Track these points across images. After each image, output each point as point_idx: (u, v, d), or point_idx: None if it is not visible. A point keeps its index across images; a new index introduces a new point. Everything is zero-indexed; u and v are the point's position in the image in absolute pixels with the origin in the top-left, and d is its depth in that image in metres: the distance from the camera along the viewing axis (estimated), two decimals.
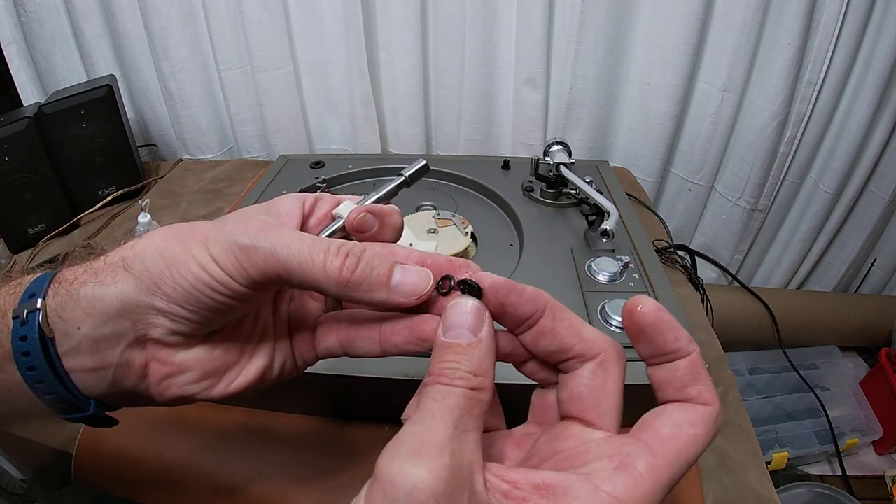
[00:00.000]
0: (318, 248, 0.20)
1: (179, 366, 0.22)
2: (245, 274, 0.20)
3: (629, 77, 0.86)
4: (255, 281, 0.20)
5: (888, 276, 1.11)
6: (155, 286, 0.20)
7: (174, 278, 0.20)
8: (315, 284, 0.20)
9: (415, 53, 0.82)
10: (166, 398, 0.22)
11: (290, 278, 0.20)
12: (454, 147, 0.91)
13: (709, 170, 0.92)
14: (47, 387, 0.20)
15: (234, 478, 0.41)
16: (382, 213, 0.24)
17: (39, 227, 0.72)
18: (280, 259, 0.19)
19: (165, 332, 0.21)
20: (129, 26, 0.83)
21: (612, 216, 0.50)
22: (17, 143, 0.67)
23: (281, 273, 0.20)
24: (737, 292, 1.01)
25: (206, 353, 0.22)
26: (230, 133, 0.95)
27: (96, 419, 0.22)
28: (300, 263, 0.19)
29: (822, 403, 0.96)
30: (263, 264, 0.19)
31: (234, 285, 0.20)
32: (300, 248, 0.19)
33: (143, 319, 0.20)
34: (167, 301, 0.20)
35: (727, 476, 0.42)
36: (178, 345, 0.21)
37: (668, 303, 0.47)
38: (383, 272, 0.20)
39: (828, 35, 0.78)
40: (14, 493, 0.52)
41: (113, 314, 0.20)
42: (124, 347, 0.21)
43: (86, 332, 0.20)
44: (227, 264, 0.20)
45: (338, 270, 0.19)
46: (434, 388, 0.17)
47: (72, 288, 0.20)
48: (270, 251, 0.19)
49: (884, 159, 0.93)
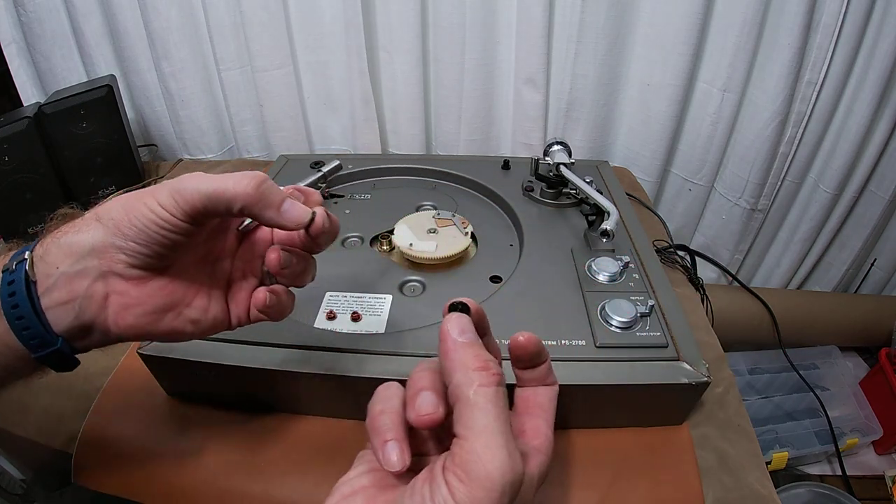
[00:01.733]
0: (230, 176, 0.27)
1: (135, 298, 0.27)
2: (180, 209, 0.26)
3: (629, 77, 0.86)
4: (187, 213, 0.26)
5: (888, 276, 1.11)
6: (117, 229, 0.26)
7: (131, 221, 0.26)
8: (230, 204, 0.26)
9: (415, 53, 0.82)
10: (121, 327, 0.28)
11: (215, 205, 0.26)
12: (454, 147, 0.91)
13: (709, 170, 0.92)
14: (26, 322, 0.25)
15: (235, 477, 0.41)
16: (307, 192, 0.30)
17: (39, 227, 0.72)
18: (202, 191, 0.26)
19: (125, 266, 0.27)
20: (129, 26, 0.83)
21: (612, 216, 0.50)
22: (17, 143, 0.67)
23: (206, 203, 0.26)
24: (737, 292, 1.01)
25: (156, 291, 0.28)
26: (230, 133, 0.95)
27: (62, 355, 0.27)
28: (216, 189, 0.26)
29: (822, 403, 0.96)
30: (192, 198, 0.26)
31: (173, 220, 0.26)
32: (216, 180, 0.26)
33: (107, 256, 0.26)
34: (125, 239, 0.26)
35: (727, 476, 0.42)
36: (134, 279, 0.27)
37: (668, 303, 0.47)
38: (276, 198, 0.27)
39: (828, 35, 0.78)
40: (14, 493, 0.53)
41: (85, 254, 0.26)
42: (91, 281, 0.26)
43: (63, 270, 0.26)
44: (168, 205, 0.26)
45: (245, 187, 0.26)
46: (481, 392, 0.22)
47: (55, 237, 0.27)
48: (195, 188, 0.26)
49: (884, 159, 0.92)
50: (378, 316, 0.47)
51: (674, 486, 0.41)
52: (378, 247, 0.57)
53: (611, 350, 0.42)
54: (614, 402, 0.43)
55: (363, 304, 0.48)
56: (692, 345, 0.43)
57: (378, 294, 0.49)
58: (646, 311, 0.44)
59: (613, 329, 0.44)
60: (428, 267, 0.53)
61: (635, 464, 0.42)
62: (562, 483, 0.41)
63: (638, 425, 0.44)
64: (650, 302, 0.45)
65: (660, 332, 0.43)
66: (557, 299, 0.47)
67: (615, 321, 0.44)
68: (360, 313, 0.47)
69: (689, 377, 0.41)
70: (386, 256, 0.56)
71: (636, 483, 0.41)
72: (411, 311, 0.47)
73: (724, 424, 0.46)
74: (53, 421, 0.46)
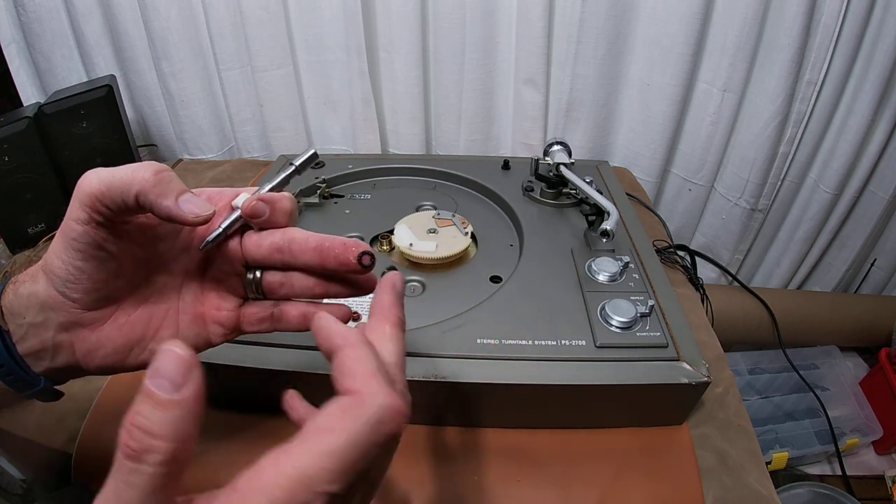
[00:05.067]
0: (132, 167, 0.25)
1: (96, 343, 0.27)
2: (91, 214, 0.24)
3: (629, 77, 0.86)
4: (101, 213, 0.24)
5: (888, 276, 1.11)
6: (53, 275, 0.25)
7: (58, 256, 0.25)
8: (126, 189, 0.24)
9: (415, 53, 0.82)
10: (92, 368, 0.28)
11: (122, 199, 0.24)
12: (454, 147, 0.91)
13: (709, 170, 0.92)
14: (7, 370, 0.26)
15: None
16: (272, 200, 0.28)
17: (39, 227, 0.72)
18: (106, 186, 0.24)
19: (78, 312, 0.26)
20: (129, 26, 0.83)
21: (612, 216, 0.50)
22: (17, 143, 0.67)
23: (114, 197, 0.24)
24: (737, 292, 1.00)
25: (114, 332, 0.27)
26: (230, 133, 0.95)
27: (47, 392, 0.28)
28: (120, 185, 0.24)
29: (822, 403, 0.96)
30: (100, 197, 0.24)
31: (89, 228, 0.24)
32: (117, 172, 0.25)
33: (58, 307, 0.26)
34: (63, 283, 0.25)
35: (727, 476, 0.42)
36: (88, 324, 0.27)
37: (668, 303, 0.47)
38: (175, 188, 0.25)
39: (828, 35, 0.78)
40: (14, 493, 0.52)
41: (41, 305, 0.26)
42: (54, 332, 0.26)
43: (29, 320, 0.26)
44: (80, 217, 0.24)
45: (143, 172, 0.24)
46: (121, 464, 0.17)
47: (15, 287, 0.26)
48: (97, 186, 0.24)
49: (884, 159, 0.92)
50: None
51: (674, 486, 0.41)
52: (378, 247, 0.57)
53: (611, 350, 0.42)
54: (614, 402, 0.43)
55: (363, 304, 0.48)
56: (692, 345, 0.43)
57: None
58: (646, 311, 0.44)
59: (613, 329, 0.44)
60: (428, 267, 0.53)
61: (635, 464, 0.42)
62: (562, 483, 0.41)
63: (638, 425, 0.44)
64: (650, 302, 0.45)
65: (660, 332, 0.43)
66: (557, 299, 0.47)
67: (615, 321, 0.44)
68: (360, 313, 0.47)
69: (689, 377, 0.41)
70: (386, 256, 0.56)
71: (636, 483, 0.41)
72: (411, 311, 0.47)
73: (724, 424, 0.46)
74: (53, 421, 0.46)
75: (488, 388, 0.40)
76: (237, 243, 0.29)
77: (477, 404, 0.43)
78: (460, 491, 0.40)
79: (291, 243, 0.28)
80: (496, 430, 0.44)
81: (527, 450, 0.43)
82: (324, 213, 0.63)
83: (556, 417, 0.44)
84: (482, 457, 0.42)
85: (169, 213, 0.25)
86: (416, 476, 0.41)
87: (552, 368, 0.41)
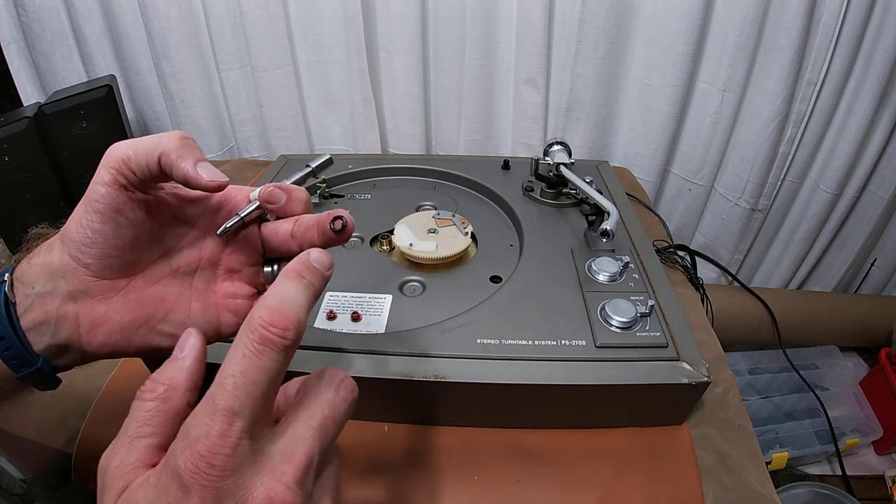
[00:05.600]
0: (160, 135, 0.26)
1: (102, 315, 0.27)
2: (115, 176, 0.25)
3: (629, 77, 0.86)
4: (126, 177, 0.26)
5: (888, 276, 1.11)
6: (70, 241, 0.26)
7: (78, 222, 0.26)
8: (155, 159, 0.26)
9: (415, 53, 0.82)
10: (94, 346, 0.27)
11: (147, 163, 0.26)
12: (454, 147, 0.91)
13: (709, 170, 0.92)
14: (7, 342, 0.26)
15: None
16: (289, 189, 0.29)
17: (40, 227, 0.72)
18: (133, 150, 0.26)
19: (89, 279, 0.27)
20: (129, 26, 0.83)
21: (612, 216, 0.50)
22: (17, 143, 0.67)
23: (139, 161, 0.26)
24: (737, 292, 1.00)
25: (123, 307, 0.28)
26: (230, 133, 0.95)
27: (43, 376, 0.28)
28: (146, 148, 0.26)
29: (822, 403, 0.96)
30: (126, 160, 0.26)
31: (111, 190, 0.26)
32: (144, 138, 0.26)
33: (70, 274, 0.26)
34: (79, 247, 0.26)
35: (727, 476, 0.42)
36: (99, 295, 0.27)
37: (668, 303, 0.47)
38: (197, 154, 0.27)
39: (828, 35, 0.78)
40: (14, 493, 0.52)
41: (52, 274, 0.26)
42: (61, 301, 0.26)
43: (37, 290, 0.26)
44: (105, 179, 0.26)
45: (170, 139, 0.26)
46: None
47: (29, 259, 0.27)
48: (125, 150, 0.26)
49: (884, 159, 0.93)
50: (378, 316, 0.47)
51: (674, 486, 0.41)
52: (378, 247, 0.57)
53: (611, 350, 0.42)
54: (614, 402, 0.43)
55: (363, 304, 0.48)
56: (692, 345, 0.43)
57: (378, 294, 0.49)
58: (646, 311, 0.44)
59: (613, 329, 0.44)
60: (428, 267, 0.53)
61: (635, 464, 0.42)
62: (562, 483, 0.41)
63: (638, 425, 0.44)
64: (650, 302, 0.45)
65: (660, 332, 0.43)
66: (557, 299, 0.47)
67: (615, 321, 0.44)
68: (361, 313, 0.47)
69: (689, 377, 0.41)
70: (386, 256, 0.56)
71: (636, 483, 0.41)
72: (411, 311, 0.47)
73: (724, 424, 0.46)
74: (53, 421, 0.46)
75: (488, 388, 0.40)
76: (255, 234, 0.30)
77: (477, 404, 0.43)
78: (460, 491, 0.41)
79: (299, 224, 0.29)
80: (496, 430, 0.44)
81: (527, 450, 0.43)
82: None
83: (556, 417, 0.44)
84: (482, 457, 0.43)
85: (186, 175, 0.26)
86: (416, 476, 0.41)
87: (552, 368, 0.41)
